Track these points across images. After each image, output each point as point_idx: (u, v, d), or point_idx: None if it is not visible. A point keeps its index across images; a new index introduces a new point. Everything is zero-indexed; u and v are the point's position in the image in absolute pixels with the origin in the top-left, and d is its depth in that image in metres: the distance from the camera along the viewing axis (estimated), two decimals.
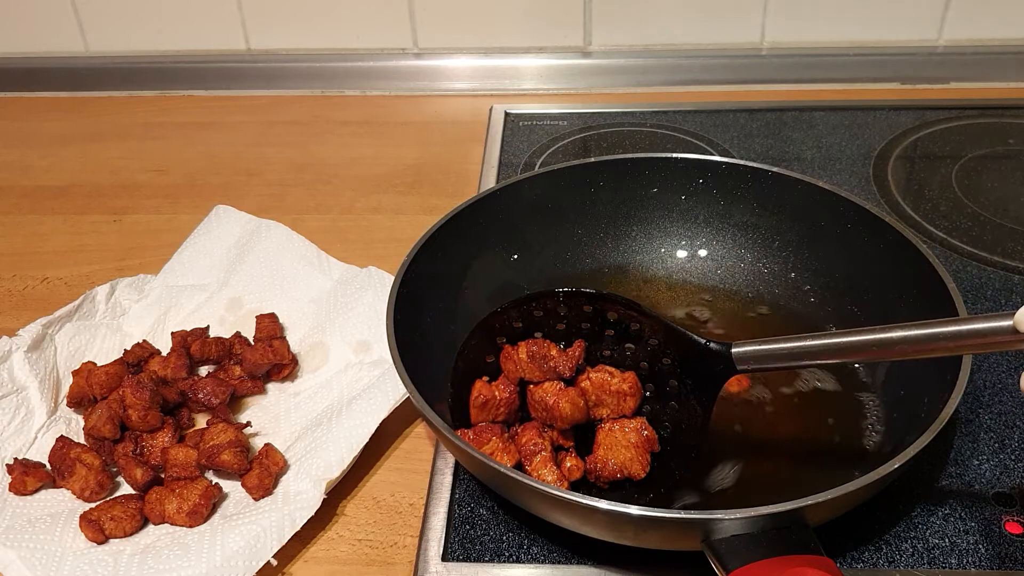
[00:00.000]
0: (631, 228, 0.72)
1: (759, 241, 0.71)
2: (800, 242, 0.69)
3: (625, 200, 0.72)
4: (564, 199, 0.71)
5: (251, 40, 1.06)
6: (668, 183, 0.71)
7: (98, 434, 0.59)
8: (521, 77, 1.04)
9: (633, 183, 0.71)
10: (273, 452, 0.58)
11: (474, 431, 0.55)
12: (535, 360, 0.56)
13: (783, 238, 0.70)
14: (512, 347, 0.57)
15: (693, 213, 0.72)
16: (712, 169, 0.71)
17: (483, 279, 0.67)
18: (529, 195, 0.70)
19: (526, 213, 0.70)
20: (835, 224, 0.66)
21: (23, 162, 0.95)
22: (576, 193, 0.71)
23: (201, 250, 0.75)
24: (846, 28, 1.01)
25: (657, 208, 0.72)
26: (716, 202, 0.71)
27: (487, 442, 0.54)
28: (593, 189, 0.71)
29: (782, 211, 0.69)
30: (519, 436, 0.56)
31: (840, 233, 0.66)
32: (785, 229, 0.70)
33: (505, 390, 0.56)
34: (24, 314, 0.73)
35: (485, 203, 0.68)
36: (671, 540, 0.49)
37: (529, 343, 0.56)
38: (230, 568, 0.52)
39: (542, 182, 0.70)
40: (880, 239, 0.63)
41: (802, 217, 0.68)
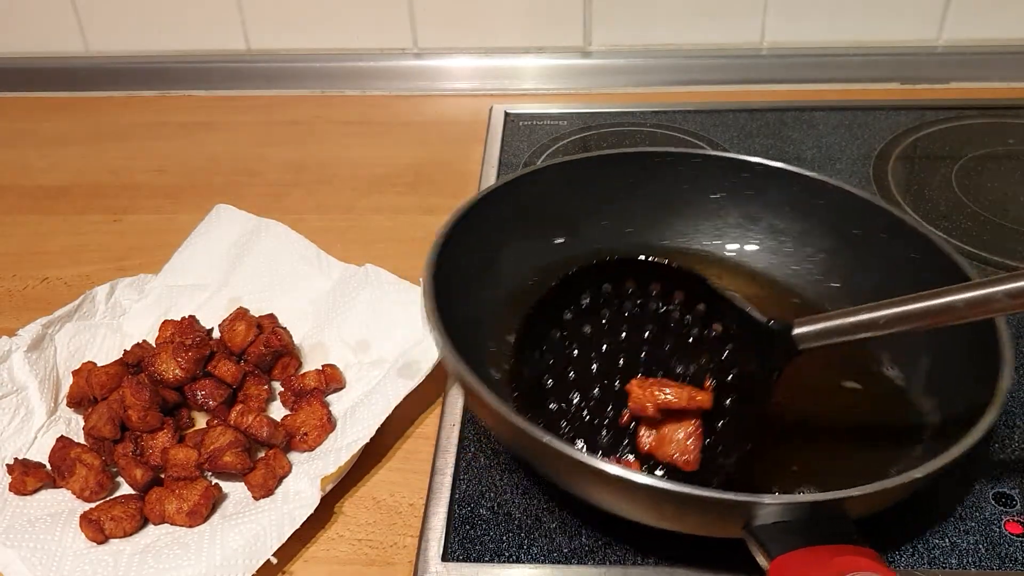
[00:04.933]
0: (660, 222, 0.72)
1: (790, 244, 0.70)
2: (833, 249, 0.68)
3: (659, 193, 0.71)
4: (604, 187, 0.70)
5: (251, 40, 1.06)
6: (701, 181, 0.71)
7: (98, 434, 0.59)
8: (521, 77, 1.04)
9: (667, 178, 0.71)
10: (280, 457, 0.58)
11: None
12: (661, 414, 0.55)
13: (815, 243, 0.69)
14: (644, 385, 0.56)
15: (724, 212, 0.71)
16: (746, 169, 0.70)
17: (523, 260, 0.67)
18: (563, 181, 0.69)
19: (564, 198, 0.69)
20: (869, 233, 0.65)
21: (23, 162, 0.95)
22: (615, 183, 0.71)
23: (201, 250, 0.75)
24: (846, 28, 1.01)
25: (689, 204, 0.72)
26: (748, 203, 0.71)
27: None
28: (632, 180, 0.71)
29: (814, 215, 0.68)
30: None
31: (874, 243, 0.65)
32: (817, 235, 0.69)
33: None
34: (24, 314, 0.73)
35: (513, 186, 0.68)
36: (711, 524, 0.48)
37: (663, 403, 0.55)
38: (230, 567, 0.52)
39: (574, 170, 0.70)
40: (913, 249, 0.62)
41: (835, 224, 0.67)
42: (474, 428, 0.61)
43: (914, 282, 0.60)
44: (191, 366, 0.61)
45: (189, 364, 0.61)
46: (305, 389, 0.63)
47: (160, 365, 0.61)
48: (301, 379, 0.64)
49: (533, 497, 0.56)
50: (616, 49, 1.03)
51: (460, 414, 0.62)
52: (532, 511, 0.55)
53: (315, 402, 0.61)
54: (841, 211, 0.67)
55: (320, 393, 0.62)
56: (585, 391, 0.58)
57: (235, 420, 0.59)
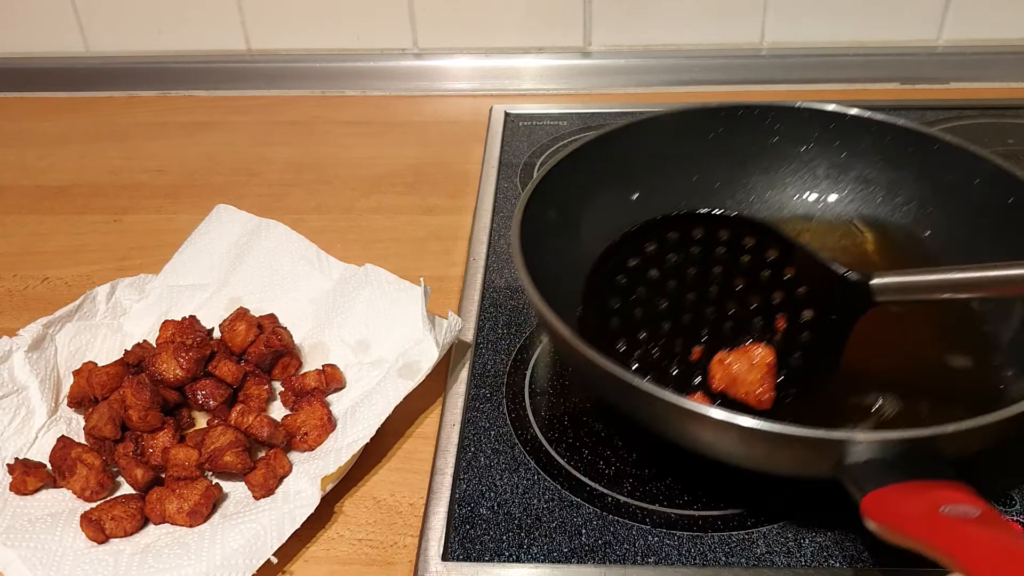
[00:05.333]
0: (748, 177, 0.72)
1: (879, 195, 0.70)
2: (925, 199, 0.68)
3: (743, 148, 0.72)
4: (683, 144, 0.71)
5: (251, 40, 1.06)
6: (790, 132, 0.71)
7: (99, 434, 0.59)
8: (521, 77, 1.04)
9: (754, 131, 0.71)
10: (281, 456, 0.58)
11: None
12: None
13: (906, 193, 0.69)
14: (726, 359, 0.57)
15: (813, 164, 0.71)
16: (836, 120, 0.70)
17: (603, 214, 0.67)
18: (648, 136, 0.70)
19: (644, 154, 0.70)
20: (963, 181, 0.65)
21: (23, 162, 0.95)
22: (695, 139, 0.71)
23: (201, 250, 0.75)
24: (846, 28, 1.01)
25: (776, 158, 0.72)
26: (837, 154, 0.71)
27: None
28: (712, 136, 0.71)
29: (906, 165, 0.68)
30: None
31: (969, 191, 0.65)
32: (908, 184, 0.69)
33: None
34: (24, 314, 0.73)
35: (605, 141, 0.68)
36: (804, 463, 0.49)
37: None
38: (230, 567, 0.52)
39: (659, 125, 0.70)
40: (1011, 194, 0.62)
41: (927, 172, 0.67)
42: (474, 428, 0.62)
43: (1012, 230, 0.61)
44: (191, 366, 0.61)
45: (189, 364, 0.61)
46: (305, 389, 0.63)
47: (161, 365, 0.61)
48: (301, 379, 0.64)
49: (533, 497, 0.56)
50: (616, 49, 1.04)
51: (460, 414, 0.62)
52: (532, 511, 0.56)
53: (315, 402, 0.61)
54: (934, 160, 0.67)
55: (320, 393, 0.62)
56: (653, 330, 0.58)
57: (235, 420, 0.60)
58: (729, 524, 0.54)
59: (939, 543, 0.41)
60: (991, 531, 0.41)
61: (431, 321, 0.64)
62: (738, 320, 0.59)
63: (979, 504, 0.42)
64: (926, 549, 0.41)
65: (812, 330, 0.55)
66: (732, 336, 0.58)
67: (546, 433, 0.61)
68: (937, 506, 0.42)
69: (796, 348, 0.56)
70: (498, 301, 0.72)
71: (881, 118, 0.69)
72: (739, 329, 0.59)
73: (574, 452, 0.59)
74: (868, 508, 0.44)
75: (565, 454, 0.59)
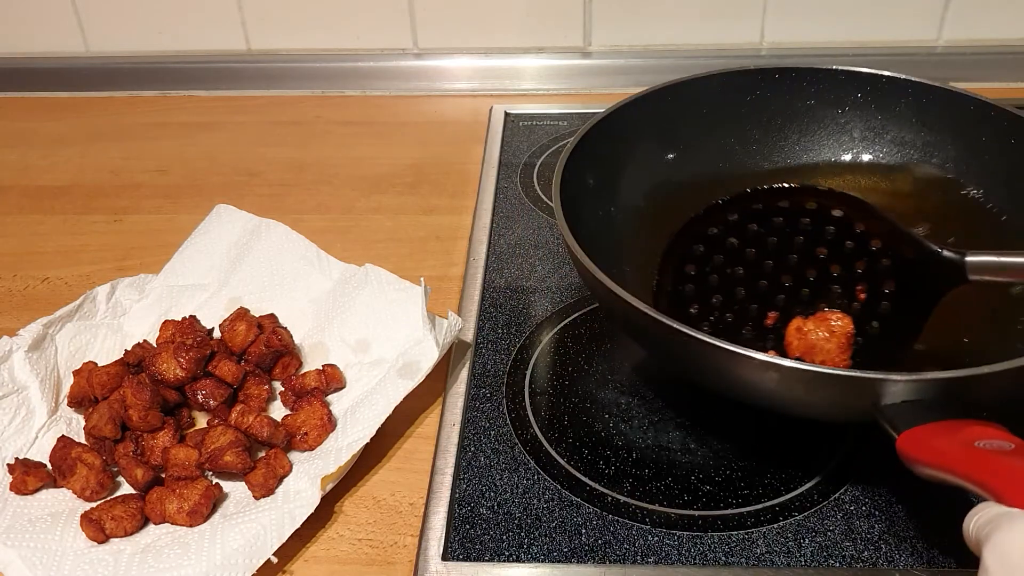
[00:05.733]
0: (784, 139, 0.73)
1: (915, 156, 0.71)
2: (961, 158, 0.69)
3: (779, 110, 0.72)
4: (719, 106, 0.72)
5: (251, 40, 1.06)
6: (826, 96, 0.72)
7: (99, 434, 0.59)
8: (521, 77, 1.04)
9: (790, 94, 0.72)
10: (281, 456, 0.58)
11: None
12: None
13: (942, 154, 0.70)
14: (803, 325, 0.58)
15: (849, 127, 0.72)
16: (872, 83, 0.71)
17: (639, 175, 0.69)
18: (686, 98, 0.71)
19: (681, 115, 0.71)
20: (999, 139, 0.66)
21: (23, 162, 0.95)
22: (731, 101, 0.72)
23: (201, 250, 0.75)
24: (846, 28, 1.01)
25: (812, 121, 0.73)
26: (873, 116, 0.72)
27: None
28: (749, 97, 0.72)
29: (942, 127, 0.69)
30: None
31: (1006, 149, 0.66)
32: (944, 145, 0.70)
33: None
34: (25, 314, 0.73)
35: (642, 103, 0.69)
36: (841, 404, 0.50)
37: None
38: (230, 566, 0.52)
39: (698, 86, 0.71)
40: None
41: (963, 132, 0.68)
42: (474, 428, 0.62)
43: None
44: (192, 366, 0.61)
45: (190, 364, 0.61)
46: (305, 389, 0.63)
47: (161, 365, 0.61)
48: (301, 379, 0.64)
49: (533, 497, 0.56)
50: (616, 49, 1.04)
51: (460, 414, 0.62)
52: (532, 511, 0.56)
53: (315, 402, 0.61)
54: (968, 120, 0.68)
55: (320, 393, 0.62)
56: (728, 295, 0.60)
57: (236, 420, 0.60)
58: (729, 524, 0.54)
59: (975, 472, 0.42)
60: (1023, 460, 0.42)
61: (431, 321, 0.64)
62: (817, 288, 0.60)
63: (1013, 439, 0.44)
64: (960, 479, 0.42)
65: (894, 302, 0.56)
66: (810, 302, 0.59)
67: (546, 433, 0.61)
68: (972, 441, 0.43)
69: (875, 318, 0.57)
70: (498, 301, 0.72)
71: (916, 80, 0.70)
72: (817, 296, 0.59)
73: (574, 452, 0.59)
74: (904, 445, 0.46)
75: (565, 454, 0.59)
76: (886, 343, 0.56)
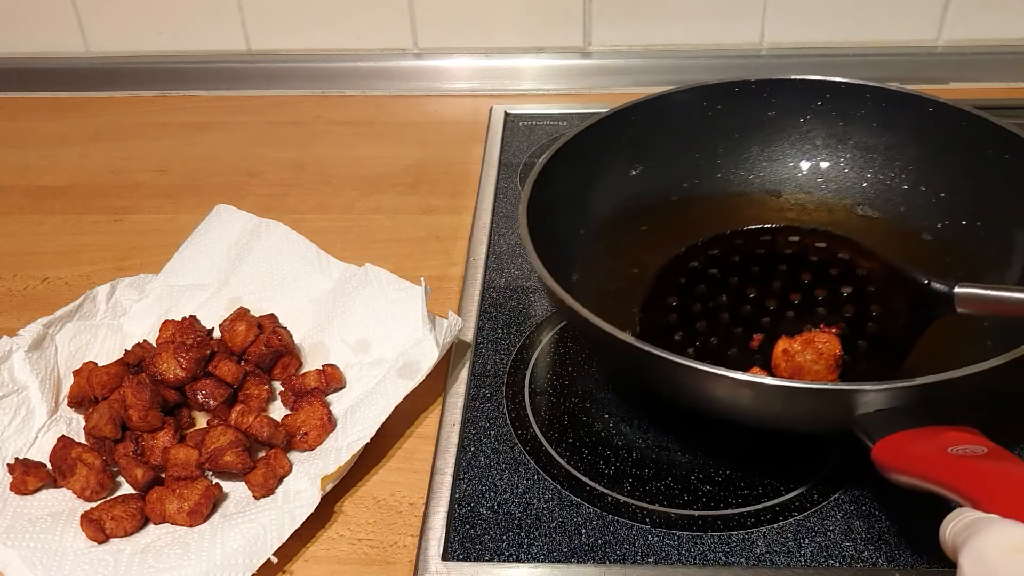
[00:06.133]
0: (748, 151, 0.74)
1: (879, 160, 0.71)
2: (923, 159, 0.70)
3: (742, 123, 0.73)
4: (684, 121, 0.72)
5: (251, 40, 1.06)
6: (787, 105, 0.72)
7: (99, 434, 0.59)
8: (521, 77, 1.04)
9: (752, 106, 0.72)
10: (281, 456, 0.58)
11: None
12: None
13: (904, 156, 0.70)
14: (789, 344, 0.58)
15: (812, 135, 0.73)
16: (832, 90, 0.71)
17: (606, 195, 0.70)
18: (649, 117, 0.71)
19: (645, 134, 0.71)
20: (959, 141, 0.67)
21: (23, 162, 0.95)
22: (694, 117, 0.73)
23: (201, 249, 0.75)
24: (846, 28, 1.01)
25: (775, 131, 0.73)
26: (835, 123, 0.72)
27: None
28: (711, 112, 0.73)
29: (903, 130, 0.70)
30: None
31: (965, 149, 0.67)
32: (906, 147, 0.70)
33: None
34: (25, 314, 0.73)
35: (607, 123, 0.70)
36: (818, 416, 0.50)
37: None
38: (230, 566, 0.52)
39: (660, 104, 0.72)
40: (1007, 150, 0.64)
41: (924, 134, 0.69)
42: (474, 428, 0.62)
43: (1006, 181, 0.63)
44: (192, 366, 0.61)
45: (190, 364, 0.61)
46: (305, 389, 0.63)
47: (161, 365, 0.61)
48: (301, 379, 0.64)
49: (533, 497, 0.56)
50: (616, 49, 1.03)
51: (460, 414, 0.62)
52: (532, 511, 0.56)
53: (315, 402, 0.61)
54: (929, 122, 0.68)
55: (320, 393, 0.62)
56: (713, 321, 0.60)
57: (235, 420, 0.60)
58: (729, 524, 0.54)
59: (949, 479, 0.42)
60: (998, 464, 0.42)
61: (431, 321, 0.64)
62: (802, 310, 0.60)
63: (987, 443, 0.44)
64: (935, 487, 0.42)
65: (881, 324, 0.57)
66: (795, 324, 0.59)
67: (546, 433, 0.61)
68: (946, 447, 0.43)
69: (862, 338, 0.57)
70: (498, 301, 0.72)
71: (874, 85, 0.71)
72: (803, 318, 0.60)
73: (574, 452, 0.59)
74: (879, 455, 0.46)
75: (565, 454, 0.59)
76: (874, 363, 0.56)
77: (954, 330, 0.57)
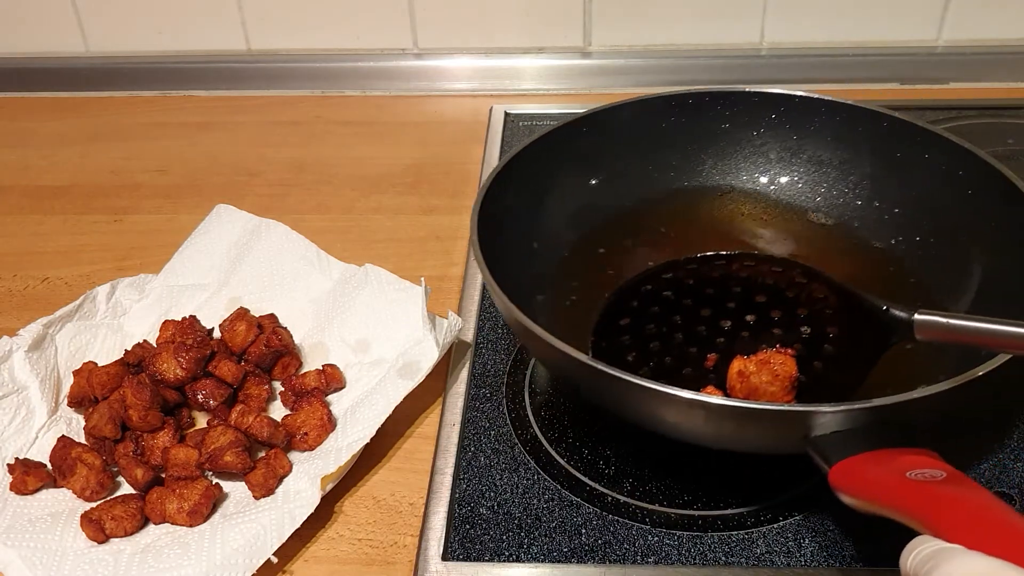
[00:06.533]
0: (702, 163, 0.73)
1: (832, 175, 0.71)
2: (877, 175, 0.69)
3: (697, 135, 0.72)
4: (639, 133, 0.72)
5: (251, 40, 1.06)
6: (741, 118, 0.72)
7: (99, 434, 0.59)
8: (521, 77, 1.04)
9: (705, 118, 0.72)
10: (281, 456, 0.58)
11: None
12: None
13: (859, 172, 0.70)
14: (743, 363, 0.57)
15: (765, 148, 0.72)
16: (786, 103, 0.71)
17: (560, 208, 0.69)
18: (601, 129, 0.71)
19: (598, 146, 0.71)
20: (913, 154, 0.67)
21: (23, 162, 0.95)
22: (647, 129, 0.72)
23: (201, 249, 0.75)
24: (846, 28, 1.01)
25: (729, 144, 0.73)
26: (789, 136, 0.72)
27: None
28: (664, 124, 0.72)
29: (857, 145, 0.69)
30: None
31: (918, 163, 0.66)
32: (860, 162, 0.70)
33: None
34: (25, 314, 0.73)
35: (562, 132, 0.69)
36: (773, 438, 0.49)
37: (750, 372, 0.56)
38: (230, 566, 0.52)
39: (612, 116, 0.71)
40: (960, 167, 0.64)
41: (878, 149, 0.69)
42: (474, 428, 0.62)
43: (959, 198, 0.63)
44: (192, 366, 0.61)
45: (190, 364, 0.61)
46: (305, 389, 0.63)
47: (161, 365, 0.62)
48: (301, 379, 0.64)
49: (533, 497, 0.56)
50: (616, 49, 1.03)
51: (460, 414, 0.62)
52: (532, 511, 0.56)
53: (315, 402, 0.61)
54: (883, 137, 0.68)
55: (320, 393, 0.62)
56: (666, 341, 0.59)
57: (235, 420, 0.60)
58: (729, 524, 0.54)
59: (906, 505, 0.41)
60: (956, 490, 0.41)
61: (431, 321, 0.64)
62: (758, 330, 0.59)
63: (945, 467, 0.43)
64: (894, 513, 0.41)
65: (838, 346, 0.56)
66: (751, 344, 0.58)
67: (546, 433, 0.61)
68: (903, 471, 0.42)
69: (819, 359, 0.56)
70: None
71: (829, 99, 0.70)
72: (758, 338, 0.59)
73: (574, 452, 0.59)
74: (836, 479, 0.45)
75: (565, 454, 0.59)
76: (831, 385, 0.55)
77: (916, 348, 0.56)
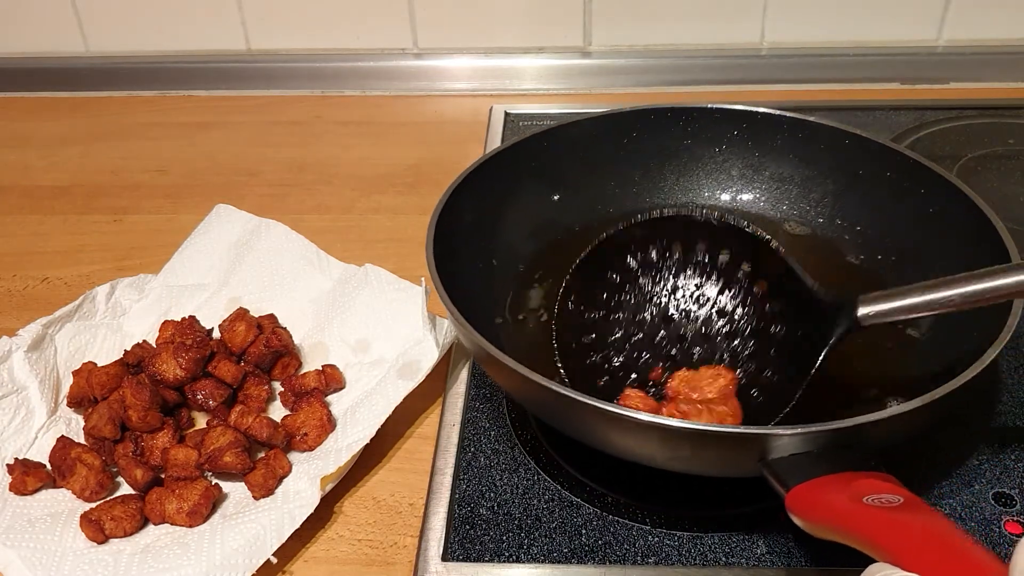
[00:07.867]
0: (664, 179, 0.73)
1: (794, 192, 0.71)
2: (839, 192, 0.69)
3: (659, 150, 0.72)
4: (601, 148, 0.71)
5: (251, 40, 1.06)
6: (703, 134, 0.71)
7: (98, 434, 0.59)
8: (521, 77, 1.04)
9: (667, 134, 0.71)
10: (281, 456, 0.58)
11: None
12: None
13: (820, 188, 0.70)
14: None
15: (727, 165, 0.72)
16: (748, 119, 0.70)
17: (522, 217, 0.69)
18: (562, 144, 0.70)
19: (564, 158, 0.70)
20: (875, 172, 0.66)
21: (23, 162, 0.95)
22: (612, 142, 0.71)
23: (201, 249, 0.75)
24: (846, 28, 1.01)
25: (691, 160, 0.72)
26: (751, 153, 0.71)
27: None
28: (626, 139, 0.72)
29: (819, 162, 0.69)
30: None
31: (880, 182, 0.66)
32: (822, 179, 0.69)
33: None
34: (24, 314, 0.73)
35: (521, 147, 0.69)
36: (728, 460, 0.48)
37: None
38: (230, 567, 0.52)
39: (572, 131, 0.71)
40: (922, 185, 0.63)
41: (840, 167, 0.68)
42: (474, 428, 0.62)
43: (920, 216, 0.63)
44: (191, 366, 0.61)
45: (189, 364, 0.61)
46: (305, 389, 0.63)
47: (160, 365, 0.61)
48: (301, 379, 0.64)
49: (533, 497, 0.56)
50: (616, 49, 1.03)
51: (460, 414, 0.62)
52: (532, 511, 0.56)
53: (315, 402, 0.61)
54: (846, 154, 0.68)
55: (320, 393, 0.62)
56: (619, 346, 0.59)
57: (235, 420, 0.60)
58: (729, 525, 0.54)
59: (862, 532, 0.40)
60: (913, 516, 0.40)
61: (431, 321, 0.64)
62: (701, 337, 0.59)
63: (902, 492, 0.42)
64: (850, 539, 0.41)
65: (784, 344, 0.55)
66: (691, 351, 0.58)
67: (546, 433, 0.61)
68: (860, 496, 0.42)
69: (765, 366, 0.56)
70: None
71: (791, 116, 0.70)
72: (700, 344, 0.58)
73: (574, 452, 0.59)
74: (792, 503, 0.44)
75: (565, 454, 0.59)
76: (777, 389, 0.54)
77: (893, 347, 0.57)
